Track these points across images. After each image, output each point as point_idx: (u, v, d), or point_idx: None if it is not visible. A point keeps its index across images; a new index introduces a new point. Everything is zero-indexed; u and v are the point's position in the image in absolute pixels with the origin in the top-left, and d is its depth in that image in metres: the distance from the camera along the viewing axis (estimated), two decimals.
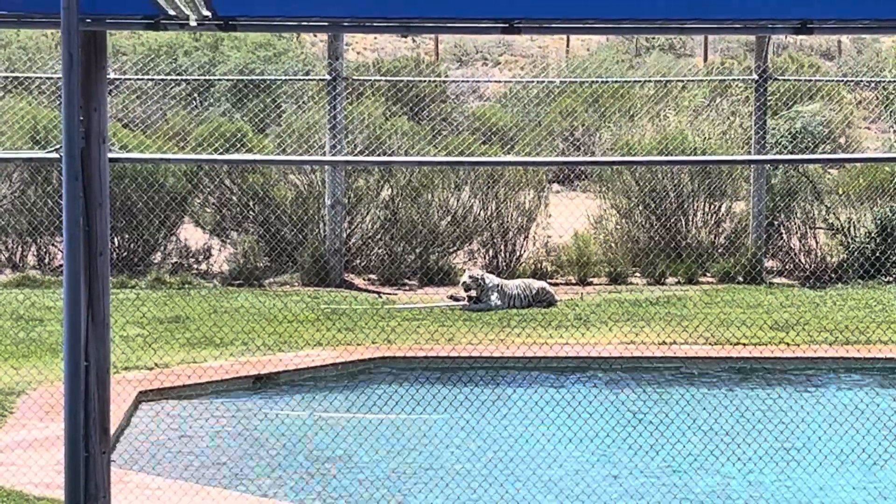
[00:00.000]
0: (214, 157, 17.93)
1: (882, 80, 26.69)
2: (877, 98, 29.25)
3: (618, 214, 20.83)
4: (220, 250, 20.41)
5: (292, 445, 12.40)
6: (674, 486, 11.28)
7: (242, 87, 25.95)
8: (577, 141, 25.68)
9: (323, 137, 19.99)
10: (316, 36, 35.15)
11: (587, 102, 25.70)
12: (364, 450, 12.24)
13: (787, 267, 20.43)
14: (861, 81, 27.63)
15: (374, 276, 19.98)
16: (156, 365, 14.39)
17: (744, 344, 15.66)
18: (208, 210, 20.57)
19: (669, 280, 19.99)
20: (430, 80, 26.63)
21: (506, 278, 18.96)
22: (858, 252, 19.88)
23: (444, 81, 28.37)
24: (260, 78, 25.40)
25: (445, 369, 14.61)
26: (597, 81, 24.86)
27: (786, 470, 11.61)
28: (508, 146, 22.71)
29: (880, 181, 20.34)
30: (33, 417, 12.45)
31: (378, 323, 16.69)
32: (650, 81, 25.12)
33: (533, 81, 28.12)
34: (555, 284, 19.28)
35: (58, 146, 11.41)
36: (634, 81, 25.76)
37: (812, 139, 22.30)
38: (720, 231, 20.71)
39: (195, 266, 20.28)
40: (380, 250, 20.22)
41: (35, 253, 20.26)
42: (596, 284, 19.91)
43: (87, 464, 6.92)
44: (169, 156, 17.54)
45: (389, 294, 19.09)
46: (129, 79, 24.59)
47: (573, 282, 20.01)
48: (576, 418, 12.34)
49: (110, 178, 7.56)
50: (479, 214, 20.43)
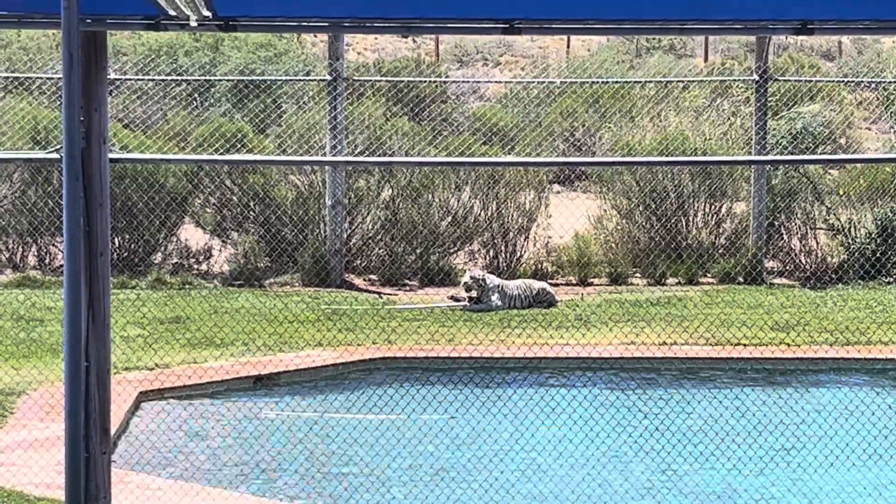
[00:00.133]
0: (215, 157, 17.92)
1: (882, 80, 26.69)
2: (877, 99, 29.26)
3: (618, 215, 20.82)
4: (220, 251, 20.41)
5: (293, 446, 12.40)
6: (674, 487, 11.28)
7: (243, 87, 25.94)
8: (578, 141, 25.68)
9: (323, 138, 19.99)
10: (316, 36, 35.15)
11: (587, 103, 25.70)
12: (364, 450, 12.23)
13: (787, 267, 20.43)
14: (861, 82, 27.63)
15: (374, 277, 19.98)
16: (156, 365, 14.39)
17: (744, 344, 15.66)
18: (209, 210, 20.57)
19: (670, 280, 19.99)
20: (430, 81, 26.63)
21: (506, 279, 18.96)
22: (859, 253, 19.88)
23: (444, 82, 28.37)
24: (260, 78, 25.40)
25: (446, 370, 14.60)
26: (597, 82, 24.86)
27: (786, 470, 11.60)
28: (509, 147, 22.71)
29: (881, 182, 20.35)
30: (34, 418, 12.45)
31: (378, 323, 16.69)
32: (651, 82, 25.12)
33: (533, 82, 28.12)
34: (555, 285, 19.28)
35: (58, 146, 11.41)
36: (635, 82, 25.76)
37: (812, 140, 22.29)
38: (721, 232, 20.70)
39: (196, 266, 20.28)
40: (380, 251, 20.22)
41: (36, 253, 20.26)
42: (596, 285, 19.91)
43: (88, 464, 6.92)
44: (169, 156, 17.54)
45: (390, 294, 19.09)
46: (130, 79, 24.59)
47: (574, 282, 20.01)
48: (576, 419, 12.34)
49: (111, 179, 7.56)
50: (479, 215, 20.43)
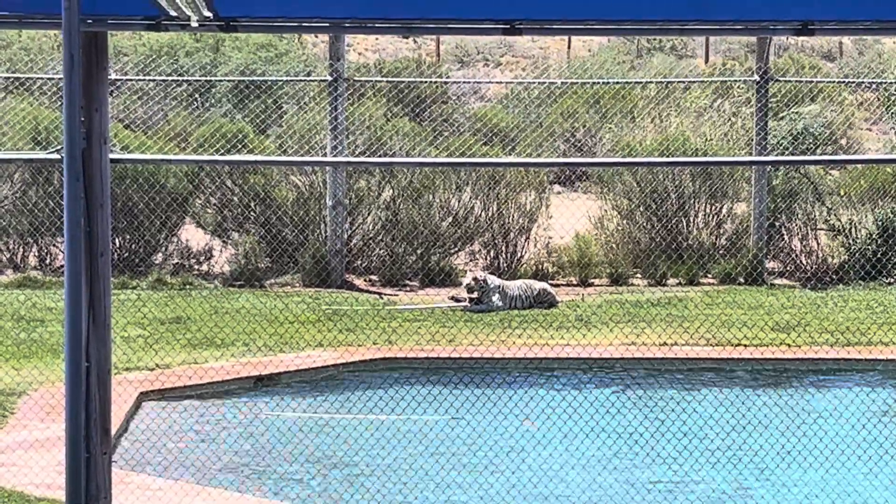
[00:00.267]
0: (216, 157, 17.92)
1: (883, 81, 26.68)
2: (878, 99, 29.25)
3: (619, 215, 20.82)
4: (221, 251, 20.40)
5: (293, 446, 12.40)
6: (675, 487, 11.28)
7: (244, 87, 25.94)
8: (579, 142, 25.68)
9: (324, 138, 19.99)
10: (317, 37, 35.16)
11: (588, 103, 25.70)
12: (365, 451, 12.23)
13: (788, 268, 20.42)
14: (862, 83, 27.63)
15: (375, 277, 19.98)
16: (157, 366, 14.39)
17: (745, 345, 15.66)
18: (209, 211, 20.57)
19: (670, 281, 19.98)
20: (431, 81, 26.63)
21: (507, 279, 18.95)
22: (859, 253, 19.87)
23: (445, 82, 28.38)
24: (261, 79, 25.40)
25: (446, 370, 14.60)
26: (598, 82, 24.86)
27: (787, 471, 11.60)
28: (510, 147, 22.71)
29: (881, 182, 20.34)
30: (34, 418, 12.45)
31: (379, 324, 16.68)
32: (651, 83, 25.12)
33: (534, 82, 28.12)
34: (556, 285, 19.27)
35: (59, 147, 11.42)
36: (635, 83, 25.75)
37: (813, 140, 22.29)
38: (721, 232, 20.69)
39: (196, 267, 20.27)
40: (381, 251, 20.22)
41: (36, 254, 20.26)
42: (597, 285, 19.90)
43: (89, 464, 6.92)
44: (170, 156, 17.55)
45: (390, 295, 19.08)
46: (131, 79, 24.60)
47: (574, 283, 20.00)
48: (577, 419, 12.34)
49: (111, 179, 7.56)
50: (480, 215, 20.43)
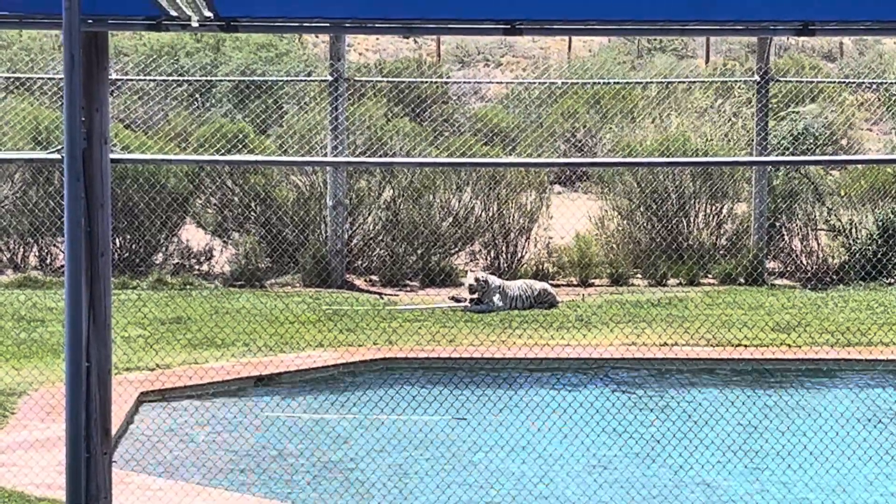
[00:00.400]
0: (216, 157, 17.92)
1: (884, 81, 26.68)
2: (878, 100, 29.25)
3: (619, 216, 20.82)
4: (221, 251, 20.40)
5: (293, 447, 12.40)
6: (675, 487, 11.28)
7: (244, 87, 25.95)
8: (579, 142, 25.68)
9: (324, 138, 20.00)
10: (318, 37, 35.15)
11: (589, 104, 25.69)
12: (365, 451, 12.23)
13: (788, 268, 20.42)
14: (863, 83, 27.63)
15: (375, 278, 19.98)
16: (157, 366, 14.39)
17: (745, 345, 15.66)
18: (210, 211, 20.57)
19: (671, 281, 19.98)
20: (431, 81, 26.63)
21: (507, 279, 18.95)
22: (860, 254, 19.87)
23: (445, 82, 28.38)
24: (262, 79, 25.40)
25: (447, 370, 14.60)
26: (598, 83, 24.86)
27: (787, 471, 11.60)
28: (510, 147, 22.71)
29: (882, 183, 20.34)
30: (34, 418, 12.45)
31: (379, 324, 16.68)
32: (652, 83, 25.11)
33: (535, 82, 28.11)
34: (556, 286, 19.27)
35: (59, 147, 11.41)
36: (636, 83, 25.75)
37: (814, 141, 22.29)
38: (721, 232, 20.70)
39: (197, 267, 20.28)
40: (381, 251, 20.22)
41: (37, 254, 20.26)
42: (597, 286, 19.90)
43: (89, 464, 6.91)
44: (171, 157, 17.55)
45: (391, 295, 19.08)
46: (131, 79, 24.60)
47: (574, 283, 20.00)
48: (577, 419, 12.34)
49: (112, 179, 7.56)
50: (480, 215, 20.43)
